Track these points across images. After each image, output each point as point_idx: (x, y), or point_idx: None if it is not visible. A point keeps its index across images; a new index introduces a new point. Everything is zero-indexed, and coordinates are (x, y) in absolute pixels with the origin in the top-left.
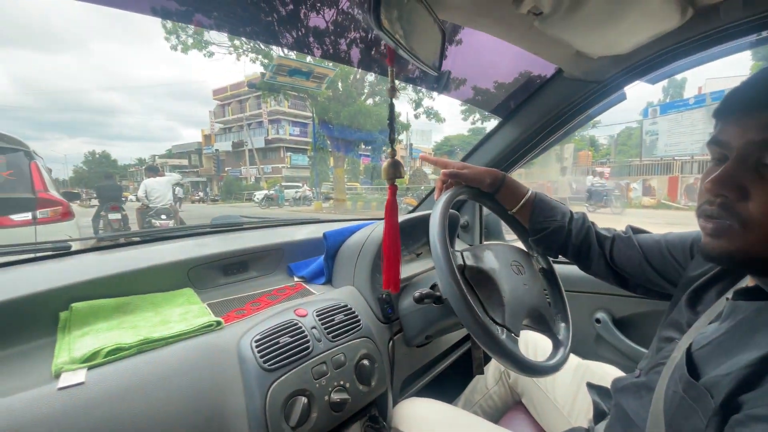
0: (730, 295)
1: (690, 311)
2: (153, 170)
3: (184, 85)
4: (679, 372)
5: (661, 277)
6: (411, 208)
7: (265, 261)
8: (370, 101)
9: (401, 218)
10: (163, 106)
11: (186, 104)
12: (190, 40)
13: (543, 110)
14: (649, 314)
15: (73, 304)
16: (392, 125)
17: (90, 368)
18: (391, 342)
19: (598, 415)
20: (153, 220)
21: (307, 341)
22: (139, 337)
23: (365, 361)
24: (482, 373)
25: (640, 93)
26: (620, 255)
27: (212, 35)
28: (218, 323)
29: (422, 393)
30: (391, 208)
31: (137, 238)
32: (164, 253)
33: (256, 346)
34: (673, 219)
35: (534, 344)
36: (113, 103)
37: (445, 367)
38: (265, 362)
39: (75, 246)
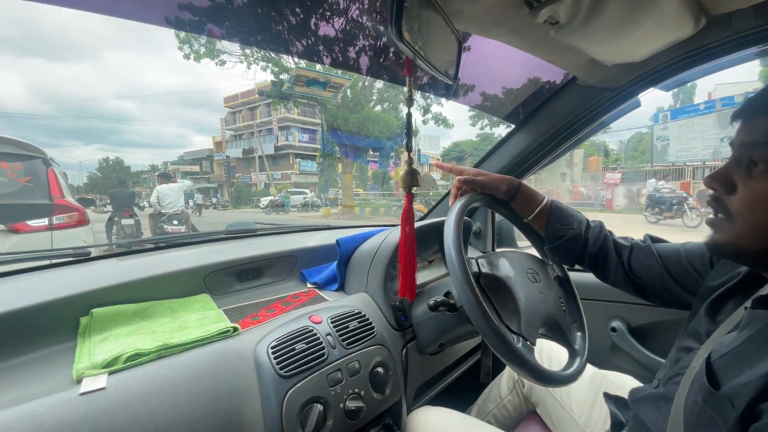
0: (748, 304)
1: (709, 321)
2: (166, 176)
3: (196, 93)
4: (698, 382)
5: (680, 286)
6: (421, 215)
7: (279, 267)
8: (378, 108)
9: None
10: (176, 114)
11: (198, 112)
12: (203, 49)
13: (557, 117)
14: (666, 323)
15: (93, 310)
16: (409, 134)
17: (110, 373)
18: (404, 350)
19: (616, 426)
20: (165, 226)
21: (323, 348)
22: (158, 342)
23: (379, 369)
24: (489, 381)
25: (650, 98)
26: (639, 264)
27: (224, 44)
28: (235, 329)
29: (435, 401)
30: (408, 216)
31: (154, 245)
32: (181, 259)
33: (273, 353)
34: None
35: (549, 353)
36: (127, 110)
37: (458, 376)
38: (281, 369)
39: (94, 252)
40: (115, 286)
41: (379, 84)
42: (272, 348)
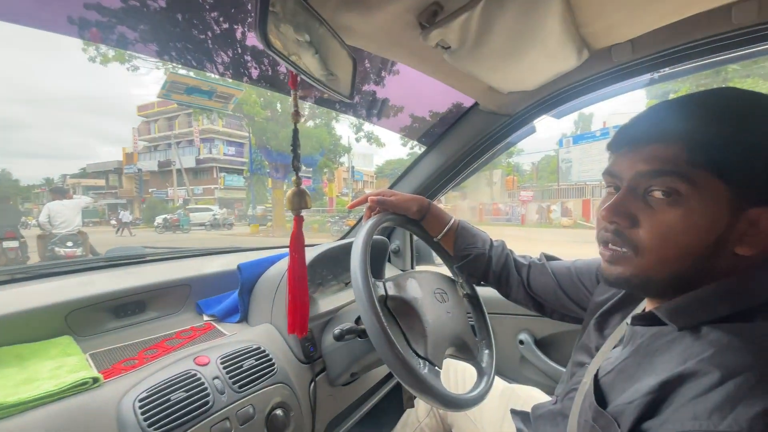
0: (629, 320)
1: (598, 335)
2: (59, 191)
3: (101, 99)
4: (588, 400)
5: (573, 302)
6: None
7: (168, 299)
8: (310, 123)
9: (330, 245)
10: (76, 121)
11: (104, 119)
12: (111, 53)
13: (463, 140)
14: (568, 333)
15: None
16: (295, 151)
17: None
18: (312, 384)
19: None
20: (57, 249)
21: (207, 395)
22: None
23: (278, 411)
24: (413, 406)
25: (555, 125)
26: (536, 281)
27: (137, 48)
28: (95, 380)
29: None
30: (297, 242)
31: (7, 277)
32: (37, 295)
33: (141, 407)
34: (590, 237)
35: (462, 372)
36: (15, 116)
37: (377, 402)
38: (150, 425)
39: None
40: None
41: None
42: (140, 401)
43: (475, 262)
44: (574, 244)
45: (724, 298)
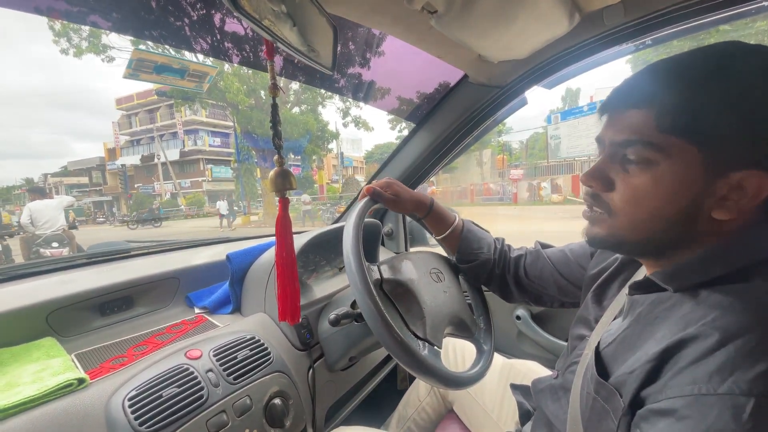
0: (627, 290)
1: (596, 307)
2: (38, 191)
3: (72, 94)
4: (590, 372)
5: (571, 284)
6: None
7: (157, 293)
8: (296, 110)
9: (322, 230)
10: (47, 118)
11: (77, 115)
12: (85, 44)
13: (453, 115)
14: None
15: None
16: (276, 128)
17: None
18: (310, 370)
19: (524, 416)
20: (42, 250)
21: (201, 389)
22: None
23: (277, 400)
24: (406, 387)
25: (543, 101)
26: (533, 269)
27: (112, 38)
28: (80, 381)
29: (352, 418)
30: (283, 225)
31: None
32: (14, 296)
33: (130, 405)
34: (579, 212)
35: (462, 350)
36: None
37: (377, 385)
38: (141, 424)
39: None
40: None
41: (295, 85)
42: (130, 399)
43: (480, 268)
44: (563, 220)
45: (717, 259)
